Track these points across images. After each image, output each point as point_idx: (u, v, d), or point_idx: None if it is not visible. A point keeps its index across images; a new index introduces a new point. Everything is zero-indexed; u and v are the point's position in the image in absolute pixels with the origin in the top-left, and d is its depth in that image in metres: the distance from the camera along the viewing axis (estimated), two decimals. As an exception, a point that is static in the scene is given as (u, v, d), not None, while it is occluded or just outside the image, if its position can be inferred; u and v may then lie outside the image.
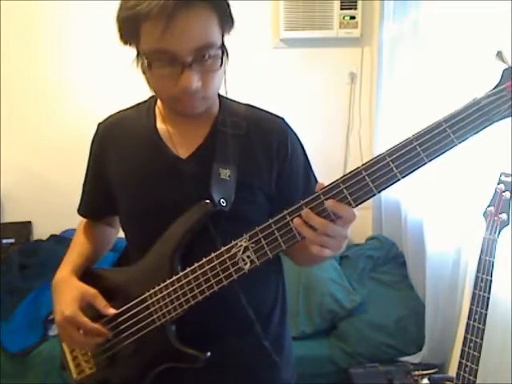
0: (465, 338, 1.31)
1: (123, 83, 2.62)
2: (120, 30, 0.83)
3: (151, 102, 1.00)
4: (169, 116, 0.96)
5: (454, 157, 1.71)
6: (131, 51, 0.89)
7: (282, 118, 1.01)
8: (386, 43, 2.57)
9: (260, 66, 2.78)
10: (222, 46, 0.83)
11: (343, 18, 2.70)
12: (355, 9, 2.69)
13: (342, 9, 2.68)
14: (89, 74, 2.77)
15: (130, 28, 0.81)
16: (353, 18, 2.70)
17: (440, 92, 1.88)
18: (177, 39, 0.77)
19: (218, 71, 0.84)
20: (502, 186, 1.29)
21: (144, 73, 0.87)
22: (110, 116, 1.04)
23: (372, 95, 2.83)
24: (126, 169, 0.96)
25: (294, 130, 1.01)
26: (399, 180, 0.71)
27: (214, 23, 0.81)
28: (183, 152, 0.93)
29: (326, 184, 0.75)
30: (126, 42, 0.85)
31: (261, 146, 0.95)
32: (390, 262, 2.50)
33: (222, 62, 0.83)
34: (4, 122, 2.79)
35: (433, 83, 1.98)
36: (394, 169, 0.70)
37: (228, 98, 0.99)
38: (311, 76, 2.84)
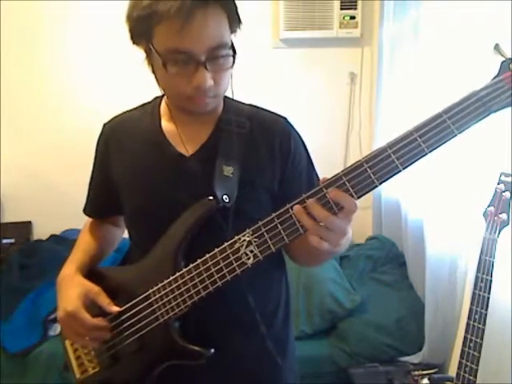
0: (465, 338, 1.31)
1: (124, 83, 2.63)
2: (132, 29, 0.84)
3: (156, 102, 1.01)
4: (174, 115, 0.96)
5: (454, 157, 1.71)
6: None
7: (285, 118, 1.01)
8: (386, 43, 2.57)
9: (260, 66, 2.78)
10: (232, 46, 0.84)
11: (343, 18, 2.70)
12: (355, 9, 2.69)
13: (341, 9, 2.68)
14: (89, 74, 2.77)
15: (143, 28, 0.81)
16: (353, 18, 2.70)
17: (440, 92, 1.88)
18: (193, 39, 0.78)
19: (228, 70, 0.86)
20: (501, 186, 1.29)
21: (154, 72, 0.88)
22: (115, 116, 1.04)
23: (372, 95, 2.83)
24: (130, 168, 0.97)
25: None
26: (400, 171, 0.71)
27: (226, 23, 0.83)
28: (187, 150, 0.94)
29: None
30: (135, 42, 0.86)
31: (264, 145, 0.96)
32: (390, 262, 2.50)
33: (233, 61, 0.85)
34: (4, 122, 2.79)
35: (433, 83, 1.97)
36: (395, 160, 0.70)
37: (231, 98, 1.00)
38: (311, 76, 2.84)
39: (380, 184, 0.72)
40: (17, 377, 2.01)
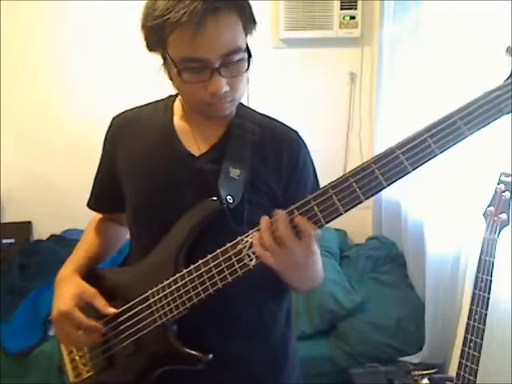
0: (465, 337, 1.31)
1: (125, 84, 2.63)
2: (146, 38, 0.84)
3: (169, 99, 1.01)
4: (188, 115, 0.96)
5: (454, 157, 1.71)
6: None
7: (297, 132, 1.01)
8: (386, 43, 2.57)
9: (260, 66, 2.77)
10: (247, 49, 0.84)
11: (343, 18, 2.70)
12: (355, 9, 2.69)
13: (341, 9, 2.68)
14: (89, 74, 2.77)
15: (157, 37, 0.81)
16: (353, 18, 2.70)
17: (440, 92, 1.88)
18: (206, 47, 0.78)
19: (244, 74, 0.85)
20: (501, 186, 1.29)
21: (171, 79, 0.88)
22: (126, 111, 1.03)
23: (372, 95, 2.83)
24: (137, 164, 0.96)
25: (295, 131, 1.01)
26: (409, 172, 0.70)
27: (240, 27, 0.82)
28: (196, 150, 0.93)
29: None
30: (151, 50, 0.86)
31: (272, 153, 0.95)
32: (390, 262, 2.50)
33: (248, 65, 0.84)
34: (4, 122, 2.79)
35: (433, 83, 1.97)
36: (405, 161, 0.69)
37: (245, 105, 1.00)
38: (311, 76, 2.84)
39: (388, 185, 0.71)
40: (17, 377, 2.00)
